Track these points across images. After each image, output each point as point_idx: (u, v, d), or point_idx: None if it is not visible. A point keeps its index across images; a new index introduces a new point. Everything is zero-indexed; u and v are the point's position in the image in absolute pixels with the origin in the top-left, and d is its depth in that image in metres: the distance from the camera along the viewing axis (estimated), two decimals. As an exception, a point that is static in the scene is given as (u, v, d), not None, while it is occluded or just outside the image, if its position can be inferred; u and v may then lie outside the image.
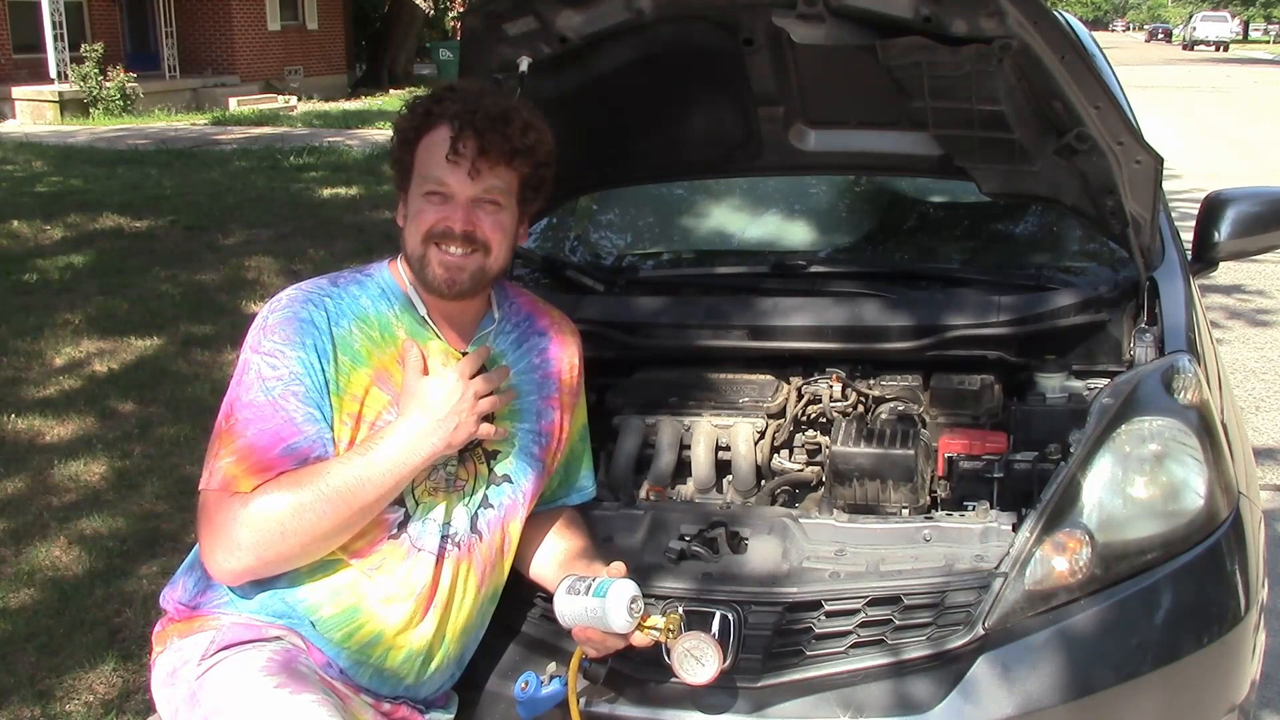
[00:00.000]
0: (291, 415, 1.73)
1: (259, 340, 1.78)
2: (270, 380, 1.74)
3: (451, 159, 1.78)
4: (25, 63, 18.92)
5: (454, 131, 1.78)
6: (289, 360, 1.75)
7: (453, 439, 1.78)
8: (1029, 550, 1.84)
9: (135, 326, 6.14)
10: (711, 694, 1.81)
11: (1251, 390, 5.40)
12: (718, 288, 2.70)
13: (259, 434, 1.72)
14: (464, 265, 1.82)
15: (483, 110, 1.80)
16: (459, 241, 1.81)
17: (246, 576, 1.75)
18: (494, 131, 1.78)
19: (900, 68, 2.13)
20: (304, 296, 1.82)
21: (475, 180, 1.80)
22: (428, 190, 1.82)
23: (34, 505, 3.96)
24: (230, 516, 1.70)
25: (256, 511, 1.69)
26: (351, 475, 1.72)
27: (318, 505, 1.69)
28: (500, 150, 1.80)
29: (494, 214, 1.83)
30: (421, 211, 1.82)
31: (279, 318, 1.79)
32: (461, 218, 1.80)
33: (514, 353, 1.98)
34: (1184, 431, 1.94)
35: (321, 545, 1.74)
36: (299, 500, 1.69)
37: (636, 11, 2.16)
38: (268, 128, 17.12)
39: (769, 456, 2.41)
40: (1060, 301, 2.41)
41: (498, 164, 1.81)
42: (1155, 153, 2.16)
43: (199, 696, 1.72)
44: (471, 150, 1.78)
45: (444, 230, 1.81)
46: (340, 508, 1.71)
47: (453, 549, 1.87)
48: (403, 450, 1.75)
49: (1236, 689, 1.93)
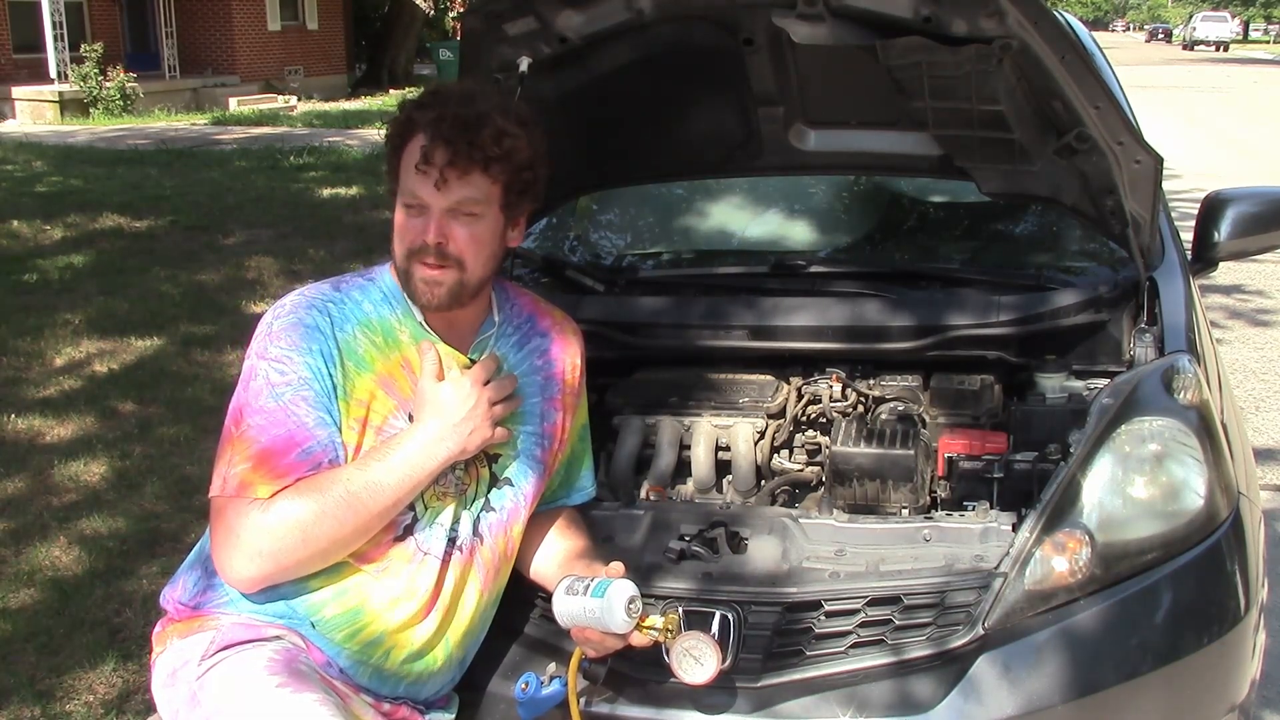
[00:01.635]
0: (303, 420, 1.73)
1: (265, 346, 1.77)
2: (279, 386, 1.73)
3: (421, 169, 1.75)
4: (25, 63, 18.92)
5: (425, 141, 1.75)
6: (297, 365, 1.74)
7: (468, 444, 1.79)
8: (1029, 550, 1.84)
9: (135, 326, 6.14)
10: (711, 694, 1.81)
11: (1251, 390, 5.40)
12: (718, 288, 2.70)
13: (273, 440, 1.72)
14: (441, 279, 1.79)
15: (451, 119, 1.75)
16: (433, 255, 1.77)
17: (264, 583, 1.74)
18: (463, 140, 1.74)
19: (900, 68, 2.13)
20: (308, 302, 1.81)
21: (444, 191, 1.75)
22: (405, 202, 1.80)
23: (34, 505, 3.96)
24: (251, 524, 1.69)
25: (278, 518, 1.69)
26: (370, 480, 1.72)
27: (338, 511, 1.70)
28: (470, 159, 1.75)
29: (469, 225, 1.78)
30: (402, 224, 1.81)
31: (284, 324, 1.78)
32: (434, 230, 1.76)
33: (515, 355, 1.97)
34: (1184, 431, 1.94)
35: (338, 551, 1.75)
36: (320, 507, 1.69)
37: (636, 11, 2.16)
38: (268, 128, 17.12)
39: (769, 456, 2.41)
40: (1060, 301, 2.41)
41: (470, 173, 1.75)
42: (1155, 153, 2.16)
43: (200, 697, 1.72)
44: (441, 160, 1.74)
45: (419, 246, 1.78)
46: (360, 512, 1.71)
47: (457, 553, 1.87)
48: (419, 455, 1.75)
49: (1236, 689, 1.93)
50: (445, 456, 1.77)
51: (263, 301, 6.75)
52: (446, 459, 1.78)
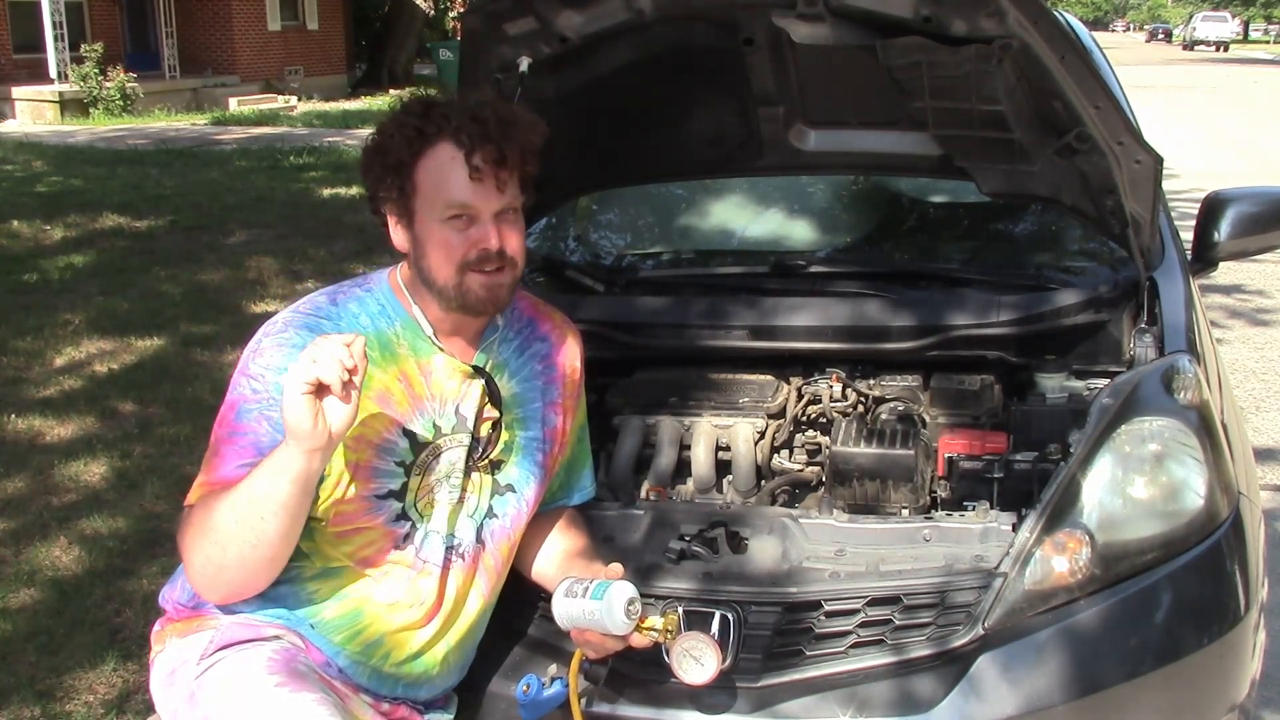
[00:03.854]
0: (258, 439, 1.71)
1: (247, 363, 1.76)
2: (250, 403, 1.72)
3: (476, 177, 1.72)
4: (25, 63, 18.91)
5: (465, 147, 1.72)
6: (268, 385, 1.72)
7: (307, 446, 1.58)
8: (1029, 550, 1.84)
9: (135, 326, 6.14)
10: (712, 694, 1.82)
11: (1251, 390, 5.40)
12: (717, 288, 2.70)
13: (225, 456, 1.71)
14: (503, 281, 1.79)
15: (488, 118, 1.73)
16: (494, 260, 1.76)
17: (212, 599, 1.75)
18: (508, 139, 1.73)
19: (900, 68, 2.14)
20: (300, 321, 1.77)
21: (502, 193, 1.75)
22: (449, 215, 1.75)
23: (34, 505, 3.96)
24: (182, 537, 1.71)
25: (188, 529, 1.70)
26: (245, 488, 1.63)
27: (226, 519, 1.63)
28: (517, 156, 1.75)
29: (515, 223, 1.80)
30: (447, 240, 1.75)
31: (272, 342, 1.76)
32: (495, 235, 1.75)
33: (517, 360, 1.96)
34: (1184, 431, 1.94)
35: (258, 561, 1.66)
36: (204, 525, 1.66)
37: (636, 11, 2.16)
38: (268, 128, 17.12)
39: (769, 456, 2.41)
40: (1060, 301, 2.41)
41: (515, 170, 1.76)
42: (1155, 153, 2.16)
43: (198, 696, 1.72)
44: (491, 163, 1.72)
45: (481, 255, 1.75)
46: (248, 519, 1.61)
47: (458, 560, 1.86)
48: (273, 458, 1.62)
49: (1237, 688, 1.93)
50: (293, 469, 1.59)
51: (263, 301, 6.75)
52: (296, 471, 1.59)
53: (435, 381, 1.83)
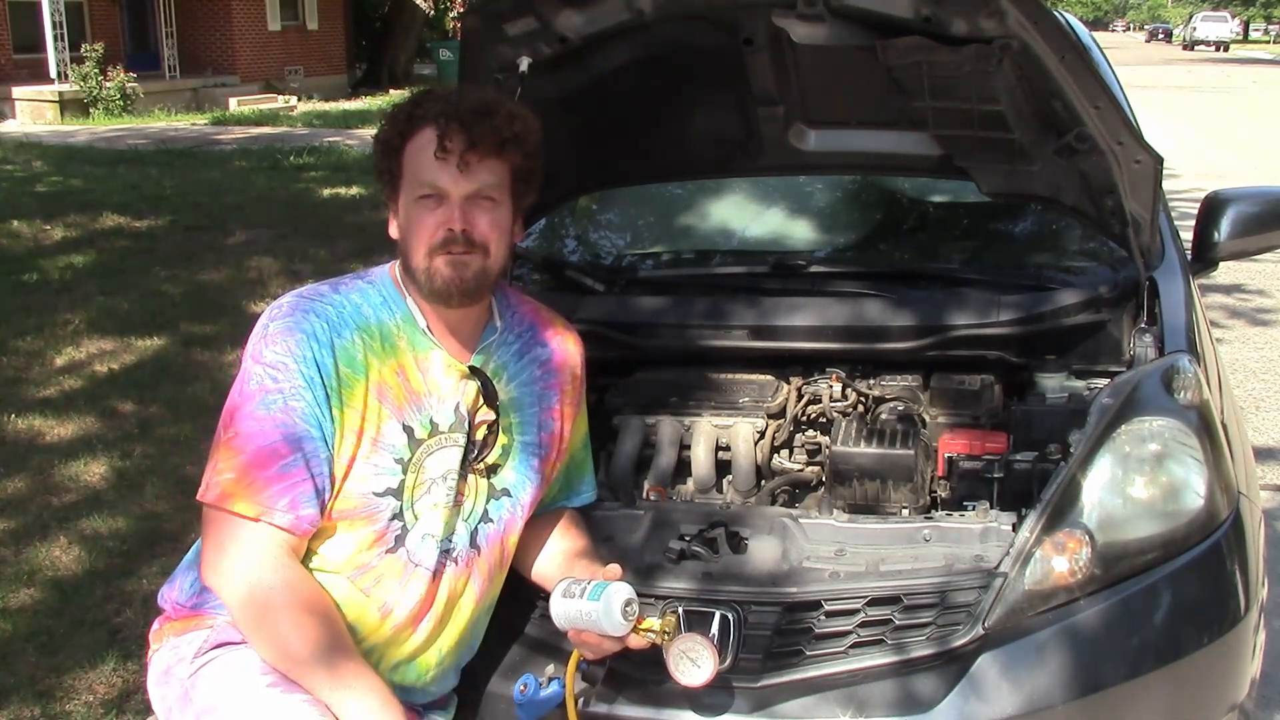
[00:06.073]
0: (290, 432, 1.71)
1: (260, 350, 1.75)
2: (272, 393, 1.71)
3: (440, 156, 1.75)
4: (25, 63, 18.90)
5: (439, 129, 1.75)
6: (290, 373, 1.72)
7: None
8: (1029, 550, 1.84)
9: (135, 326, 6.14)
10: (711, 694, 1.81)
11: (1251, 390, 5.40)
12: (717, 287, 2.70)
13: (257, 451, 1.70)
14: (467, 261, 1.78)
15: (465, 104, 1.77)
16: (459, 242, 1.77)
17: (241, 609, 1.74)
18: (481, 123, 1.75)
19: (900, 68, 2.14)
20: (306, 305, 1.78)
21: (466, 175, 1.76)
22: (420, 195, 1.78)
23: (34, 505, 3.95)
24: (235, 549, 1.69)
25: (250, 598, 1.69)
26: (315, 667, 1.67)
27: (278, 651, 1.69)
28: (489, 141, 1.76)
29: (490, 211, 1.80)
30: (419, 221, 1.78)
31: (280, 326, 1.76)
32: (459, 217, 1.77)
33: (516, 364, 1.96)
34: (1184, 431, 1.94)
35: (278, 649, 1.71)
36: (275, 635, 1.68)
37: (636, 11, 2.16)
38: (268, 128, 17.11)
39: (769, 456, 2.41)
40: (1060, 301, 2.41)
41: (488, 156, 1.77)
42: (1155, 152, 2.16)
43: (192, 694, 1.72)
44: (460, 144, 1.74)
45: (443, 238, 1.77)
46: (289, 669, 1.69)
47: (450, 564, 1.85)
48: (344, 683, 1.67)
49: (1237, 688, 1.93)
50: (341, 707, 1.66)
51: (263, 301, 6.75)
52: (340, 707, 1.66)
53: (432, 378, 1.83)
